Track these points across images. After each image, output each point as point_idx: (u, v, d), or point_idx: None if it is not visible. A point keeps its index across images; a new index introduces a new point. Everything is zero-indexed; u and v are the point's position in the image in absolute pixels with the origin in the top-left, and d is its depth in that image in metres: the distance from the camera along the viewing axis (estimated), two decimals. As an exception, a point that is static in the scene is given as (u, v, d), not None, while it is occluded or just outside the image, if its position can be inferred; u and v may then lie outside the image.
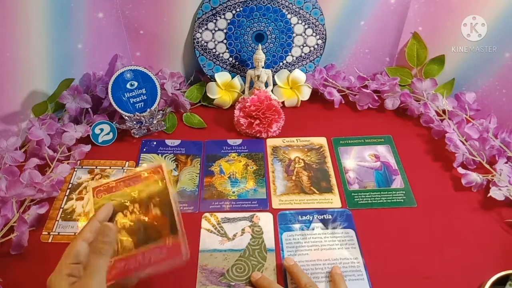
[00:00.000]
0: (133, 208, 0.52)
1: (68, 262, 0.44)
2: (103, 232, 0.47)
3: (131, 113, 0.77)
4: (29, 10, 0.66)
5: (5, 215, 0.60)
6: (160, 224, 0.51)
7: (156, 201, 0.52)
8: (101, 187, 0.53)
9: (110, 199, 0.52)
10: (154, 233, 0.50)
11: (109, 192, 0.53)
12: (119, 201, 0.52)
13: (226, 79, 0.86)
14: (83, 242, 0.46)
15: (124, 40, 0.83)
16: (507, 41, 0.76)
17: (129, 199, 0.52)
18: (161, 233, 0.50)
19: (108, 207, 0.50)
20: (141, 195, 0.52)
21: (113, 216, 0.51)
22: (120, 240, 0.49)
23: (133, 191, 0.53)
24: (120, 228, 0.50)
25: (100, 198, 0.52)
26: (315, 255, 0.61)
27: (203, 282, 0.57)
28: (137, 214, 0.51)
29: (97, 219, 0.48)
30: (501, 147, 0.73)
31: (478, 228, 0.64)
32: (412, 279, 0.58)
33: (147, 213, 0.51)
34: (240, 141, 0.79)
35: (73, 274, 0.44)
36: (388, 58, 0.90)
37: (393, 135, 0.80)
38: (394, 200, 0.69)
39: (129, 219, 0.51)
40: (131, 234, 0.50)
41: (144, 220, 0.51)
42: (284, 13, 0.82)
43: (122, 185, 0.53)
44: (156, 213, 0.51)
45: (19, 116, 0.73)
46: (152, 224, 0.51)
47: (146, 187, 0.53)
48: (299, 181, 0.72)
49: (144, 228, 0.50)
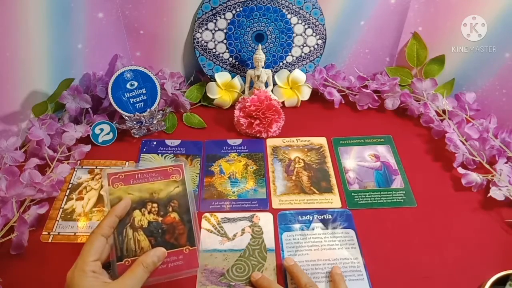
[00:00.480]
0: (151, 208, 0.50)
1: (90, 259, 0.44)
2: (157, 252, 0.47)
3: (131, 113, 0.77)
4: (29, 10, 0.66)
5: (5, 215, 0.60)
6: (178, 231, 0.50)
7: (175, 205, 0.51)
8: (118, 176, 0.51)
9: (127, 192, 0.50)
10: (172, 239, 0.49)
11: (126, 184, 0.51)
12: (137, 196, 0.50)
13: (226, 79, 0.86)
14: (102, 237, 0.46)
15: (124, 40, 0.83)
16: (507, 41, 0.76)
17: (148, 196, 0.51)
18: (179, 240, 0.49)
19: (126, 203, 0.49)
20: (160, 195, 0.51)
21: (131, 212, 0.49)
22: (138, 240, 0.49)
23: (151, 188, 0.51)
24: (137, 227, 0.49)
25: (116, 188, 0.50)
26: (315, 255, 0.61)
27: (203, 282, 0.57)
28: (155, 215, 0.50)
29: (115, 214, 0.48)
30: (501, 147, 0.73)
31: (478, 228, 0.64)
32: (412, 279, 0.58)
33: (165, 216, 0.50)
34: (240, 141, 0.79)
35: (96, 271, 0.44)
36: (388, 58, 0.90)
37: (393, 135, 0.80)
38: (394, 200, 0.69)
39: (147, 218, 0.50)
40: (148, 235, 0.49)
41: (162, 223, 0.50)
42: (284, 13, 0.82)
43: (141, 178, 0.51)
44: (174, 218, 0.50)
45: (19, 116, 0.73)
46: (170, 229, 0.50)
47: (166, 186, 0.52)
48: (299, 181, 0.72)
49: (162, 231, 0.49)
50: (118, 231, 0.48)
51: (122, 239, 0.48)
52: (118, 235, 0.48)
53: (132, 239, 0.48)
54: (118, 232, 0.48)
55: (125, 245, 0.48)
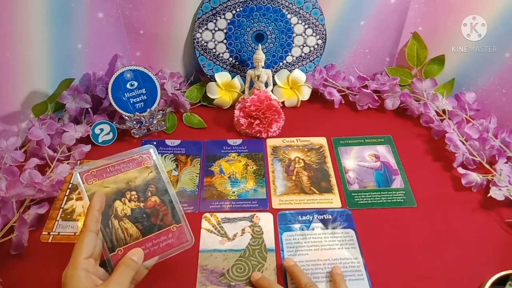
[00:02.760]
0: (130, 196, 0.52)
1: (82, 257, 0.45)
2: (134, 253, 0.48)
3: (131, 113, 0.77)
4: (29, 10, 0.66)
5: (5, 215, 0.60)
6: (162, 212, 0.52)
7: (153, 189, 0.53)
8: (90, 172, 0.52)
9: (103, 185, 0.51)
10: (158, 221, 0.51)
11: (100, 178, 0.52)
12: (114, 188, 0.51)
13: (226, 79, 0.86)
14: (90, 233, 0.47)
15: (124, 40, 0.83)
16: (507, 41, 0.76)
17: (125, 186, 0.52)
18: (164, 220, 0.51)
19: (100, 195, 0.50)
20: (136, 182, 0.53)
21: (112, 204, 0.51)
22: (125, 228, 0.50)
23: (127, 178, 0.53)
24: (121, 216, 0.50)
25: (91, 185, 0.51)
26: (315, 255, 0.61)
27: (203, 282, 0.57)
28: (136, 202, 0.52)
29: (94, 208, 0.49)
30: (501, 147, 0.73)
31: (478, 228, 0.64)
32: (412, 279, 0.58)
33: (146, 200, 0.52)
34: (240, 141, 0.79)
35: (89, 270, 0.45)
36: (388, 58, 0.90)
37: (393, 135, 0.80)
38: (394, 200, 0.69)
39: (129, 206, 0.51)
40: (134, 222, 0.50)
41: (144, 207, 0.51)
42: (284, 13, 0.82)
43: (113, 171, 0.52)
44: (155, 201, 0.52)
45: (19, 116, 0.73)
46: (154, 212, 0.51)
47: (140, 173, 0.53)
48: (299, 181, 0.72)
49: (147, 216, 0.51)
50: (104, 225, 0.49)
51: (110, 231, 0.49)
52: (105, 228, 0.49)
53: (119, 229, 0.50)
54: (104, 226, 0.49)
55: (114, 236, 0.49)
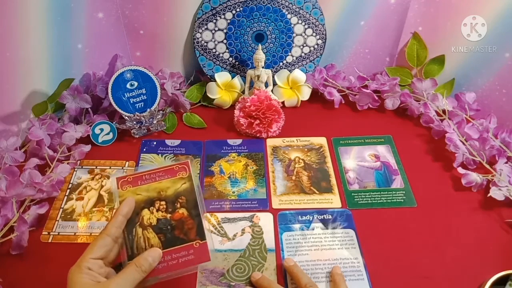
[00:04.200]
0: (159, 206, 0.51)
1: (89, 256, 0.45)
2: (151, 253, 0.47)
3: (131, 113, 0.77)
4: (29, 10, 0.66)
5: (5, 215, 0.60)
6: (187, 226, 0.50)
7: (182, 201, 0.51)
8: (127, 179, 0.52)
9: (135, 193, 0.51)
10: (182, 234, 0.50)
11: (134, 185, 0.51)
12: (145, 196, 0.51)
13: (226, 79, 0.86)
14: (107, 237, 0.46)
15: (124, 40, 0.83)
16: (507, 41, 0.76)
17: (155, 195, 0.51)
18: (188, 235, 0.50)
19: (130, 202, 0.50)
20: (167, 192, 0.52)
21: (139, 212, 0.50)
22: (147, 237, 0.49)
23: (159, 187, 0.52)
24: (146, 225, 0.50)
25: (125, 191, 0.51)
26: (315, 255, 0.61)
27: (203, 282, 0.57)
28: (163, 212, 0.51)
29: (121, 214, 0.48)
30: (501, 147, 0.73)
31: (478, 228, 0.64)
32: (412, 279, 0.58)
33: (173, 212, 0.51)
34: (240, 141, 0.79)
35: (92, 269, 0.44)
36: (388, 58, 0.90)
37: (393, 135, 0.80)
38: (394, 200, 0.69)
39: (155, 216, 0.50)
40: (158, 232, 0.49)
41: (170, 219, 0.50)
42: (284, 13, 0.82)
43: (148, 179, 0.52)
44: (182, 213, 0.51)
45: (19, 116, 0.73)
46: (179, 225, 0.50)
47: (173, 184, 0.52)
48: (299, 181, 0.72)
49: (171, 227, 0.50)
50: (127, 231, 0.49)
51: (132, 238, 0.49)
52: (128, 234, 0.49)
53: (141, 237, 0.49)
54: (127, 232, 0.49)
55: (135, 244, 0.48)
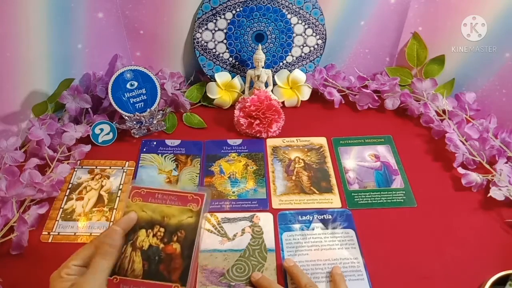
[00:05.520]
0: (157, 231, 0.50)
1: (71, 263, 0.44)
2: (109, 234, 0.46)
3: (131, 113, 0.77)
4: (29, 10, 0.66)
5: (5, 215, 0.60)
6: (174, 264, 0.48)
7: (181, 235, 0.50)
8: (141, 191, 0.51)
9: (142, 208, 0.50)
10: (165, 271, 0.48)
11: (145, 200, 0.50)
12: (149, 216, 0.50)
13: (226, 79, 0.86)
14: (94, 247, 0.46)
15: (124, 40, 0.83)
16: (507, 41, 0.76)
17: (158, 219, 0.50)
18: (171, 274, 0.48)
19: (131, 218, 0.49)
20: (170, 220, 0.50)
21: (137, 230, 0.49)
22: (133, 260, 0.48)
23: (165, 212, 0.50)
24: (137, 247, 0.48)
25: (134, 202, 0.50)
26: (315, 255, 0.61)
27: (203, 282, 0.57)
28: (158, 240, 0.49)
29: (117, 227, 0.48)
30: (501, 147, 0.73)
31: (478, 228, 0.64)
32: (412, 279, 0.58)
33: (167, 243, 0.49)
34: (240, 141, 0.79)
35: (71, 274, 0.44)
36: (388, 58, 0.90)
37: (393, 135, 0.80)
38: (394, 200, 0.69)
39: (149, 241, 0.49)
40: (145, 258, 0.48)
41: (162, 250, 0.49)
42: (284, 13, 0.82)
43: (159, 199, 0.51)
44: (175, 249, 0.49)
45: (19, 116, 0.73)
46: (167, 259, 0.49)
47: (179, 213, 0.50)
48: (299, 181, 0.72)
49: (159, 259, 0.48)
50: None
51: (119, 256, 0.47)
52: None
53: (127, 258, 0.48)
54: None
55: (119, 262, 0.47)
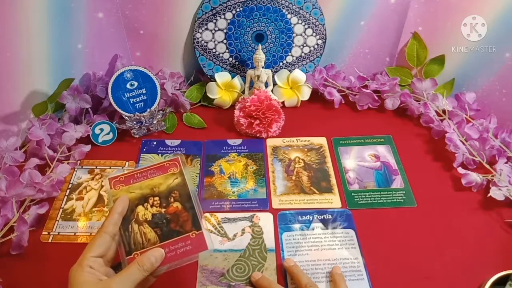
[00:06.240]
0: (153, 201, 0.52)
1: (89, 255, 0.45)
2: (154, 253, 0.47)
3: (131, 113, 0.77)
4: (29, 10, 0.66)
5: (5, 215, 0.60)
6: (182, 219, 0.51)
7: (176, 195, 0.53)
8: (119, 178, 0.53)
9: (128, 191, 0.52)
10: (178, 227, 0.51)
11: (127, 184, 0.53)
12: (138, 193, 0.52)
13: (226, 79, 0.86)
14: (105, 234, 0.47)
15: (124, 40, 0.83)
16: (507, 41, 0.76)
17: (149, 192, 0.53)
18: (184, 226, 0.51)
19: (123, 199, 0.51)
20: (160, 188, 0.53)
21: (134, 209, 0.51)
22: (144, 232, 0.50)
23: (151, 184, 0.53)
24: (142, 221, 0.51)
25: (118, 190, 0.52)
26: (315, 255, 0.61)
27: (203, 282, 0.57)
28: (157, 207, 0.52)
29: (116, 211, 0.49)
30: (501, 147, 0.73)
31: (478, 228, 0.64)
32: (412, 279, 0.58)
33: (167, 206, 0.52)
34: (240, 141, 0.79)
35: (93, 267, 0.45)
36: (388, 58, 0.90)
37: (393, 135, 0.80)
38: (394, 200, 0.69)
39: (150, 212, 0.51)
40: (154, 227, 0.50)
41: (165, 213, 0.52)
42: (284, 13, 0.82)
43: (140, 177, 0.53)
44: (177, 207, 0.52)
45: (19, 116, 0.73)
46: (174, 218, 0.51)
47: (165, 180, 0.54)
48: (299, 181, 0.72)
49: (167, 221, 0.51)
50: (124, 228, 0.50)
51: (129, 235, 0.50)
52: (124, 231, 0.50)
53: (138, 233, 0.50)
54: (124, 229, 0.50)
55: (132, 240, 0.49)
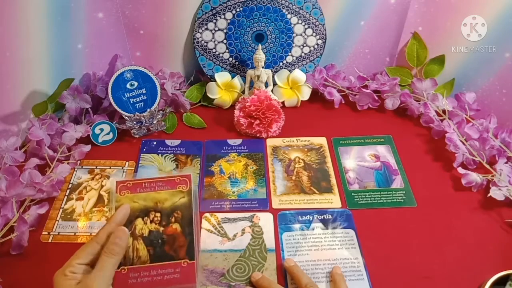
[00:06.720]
0: (153, 217, 0.50)
1: (75, 261, 0.45)
2: (116, 233, 0.46)
3: (131, 113, 0.77)
4: (29, 10, 0.66)
5: (5, 215, 0.60)
6: (178, 243, 0.49)
7: (178, 216, 0.51)
8: (126, 184, 0.51)
9: (132, 200, 0.50)
10: (171, 251, 0.49)
11: (133, 192, 0.51)
12: (142, 204, 0.50)
13: (226, 79, 0.86)
14: (96, 244, 0.46)
15: (124, 40, 0.83)
16: (507, 41, 0.76)
17: (152, 205, 0.51)
18: (178, 252, 0.49)
19: (125, 209, 0.49)
20: (164, 204, 0.51)
21: (133, 220, 0.49)
22: (137, 248, 0.48)
23: (156, 198, 0.51)
24: (138, 235, 0.49)
25: (123, 196, 0.51)
26: (315, 255, 0.61)
27: (203, 282, 0.57)
28: (157, 224, 0.50)
29: (114, 221, 0.48)
30: (501, 147, 0.73)
31: (478, 228, 0.64)
32: (412, 279, 0.58)
33: (167, 226, 0.50)
34: (240, 141, 0.79)
35: (76, 272, 0.44)
36: (388, 58, 0.90)
37: (393, 135, 0.80)
38: (394, 200, 0.69)
39: (148, 227, 0.50)
40: (148, 245, 0.49)
41: (163, 232, 0.50)
42: (284, 13, 0.82)
43: (147, 187, 0.51)
44: (176, 229, 0.50)
45: (19, 116, 0.73)
46: (170, 240, 0.49)
47: (171, 196, 0.51)
48: (299, 181, 0.72)
49: (162, 242, 0.49)
50: None
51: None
52: None
53: (130, 247, 0.48)
54: None
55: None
